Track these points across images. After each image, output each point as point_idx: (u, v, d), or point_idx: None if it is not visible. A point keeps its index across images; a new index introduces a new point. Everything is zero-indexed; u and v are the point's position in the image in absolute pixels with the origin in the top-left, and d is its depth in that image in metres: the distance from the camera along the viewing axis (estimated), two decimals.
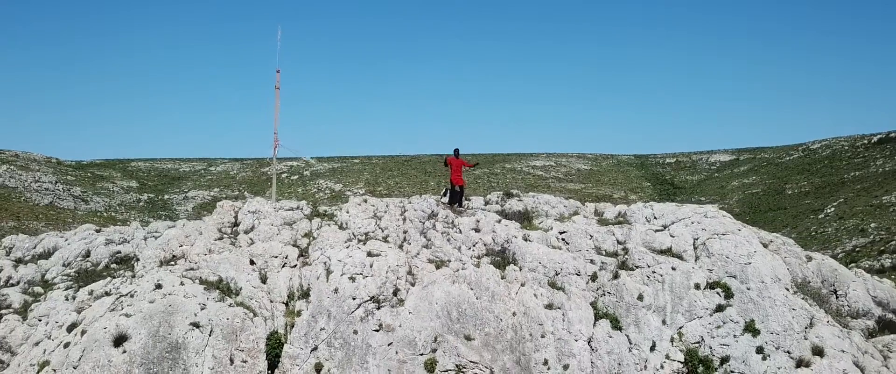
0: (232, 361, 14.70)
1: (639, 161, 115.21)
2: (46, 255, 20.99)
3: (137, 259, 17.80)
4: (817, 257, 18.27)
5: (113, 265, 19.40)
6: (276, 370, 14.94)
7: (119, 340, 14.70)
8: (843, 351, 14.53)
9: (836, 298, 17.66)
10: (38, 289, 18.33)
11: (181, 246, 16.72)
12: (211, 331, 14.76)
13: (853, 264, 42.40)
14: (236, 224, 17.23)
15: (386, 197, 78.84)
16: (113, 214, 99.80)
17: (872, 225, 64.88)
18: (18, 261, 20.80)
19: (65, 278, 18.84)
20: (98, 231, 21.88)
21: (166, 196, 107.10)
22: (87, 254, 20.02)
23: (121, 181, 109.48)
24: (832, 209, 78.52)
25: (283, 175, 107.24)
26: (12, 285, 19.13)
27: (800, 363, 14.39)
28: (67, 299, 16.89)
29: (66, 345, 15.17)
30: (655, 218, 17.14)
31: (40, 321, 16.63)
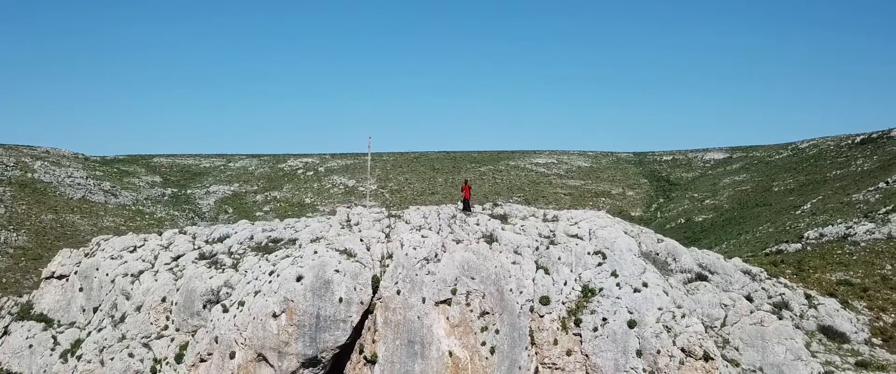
0: (355, 289, 33.03)
1: (637, 158, 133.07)
2: (221, 239, 39.40)
3: (294, 240, 36.24)
4: (666, 240, 36.70)
5: (270, 244, 37.76)
6: (376, 293, 33.25)
7: (299, 278, 33.04)
8: (658, 284, 32.88)
9: (675, 262, 36.02)
10: (236, 256, 36.79)
11: (321, 232, 35.21)
12: (344, 274, 33.09)
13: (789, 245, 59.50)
14: (349, 220, 35.70)
15: (396, 192, 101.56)
16: (140, 207, 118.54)
17: (838, 221, 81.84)
18: (206, 241, 39.25)
19: (246, 250, 37.29)
20: (253, 224, 40.21)
21: (189, 191, 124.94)
22: (252, 237, 38.46)
23: (145, 176, 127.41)
24: (808, 206, 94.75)
25: (299, 171, 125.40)
26: (213, 255, 37.55)
27: (636, 290, 32.67)
28: (259, 259, 35.31)
29: (269, 282, 33.53)
30: (572, 218, 35.54)
31: (246, 272, 35.06)
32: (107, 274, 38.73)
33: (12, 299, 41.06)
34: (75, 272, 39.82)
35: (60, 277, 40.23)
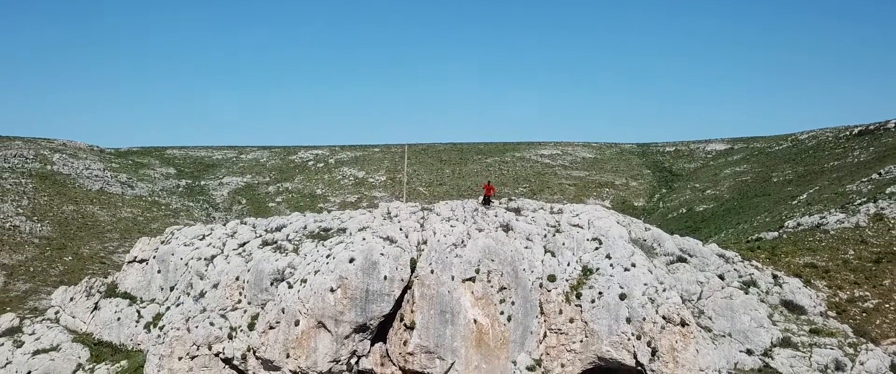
0: (396, 268, 42.73)
1: (640, 150, 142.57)
2: (278, 228, 49.10)
3: (343, 229, 45.97)
4: (652, 229, 46.47)
5: (321, 232, 47.44)
6: (413, 272, 42.92)
7: (351, 260, 42.75)
8: (644, 265, 42.66)
9: (659, 246, 45.78)
10: (295, 242, 46.50)
11: (366, 222, 44.97)
12: (388, 257, 42.80)
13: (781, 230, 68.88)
14: (389, 212, 45.45)
15: (404, 185, 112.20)
16: (156, 198, 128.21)
17: (831, 211, 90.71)
18: (266, 230, 48.96)
19: (302, 237, 47.03)
20: (304, 215, 49.88)
21: (202, 182, 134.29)
22: (305, 227, 48.18)
23: (160, 168, 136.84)
24: (805, 196, 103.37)
25: (310, 163, 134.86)
26: (275, 241, 47.23)
27: (626, 269, 42.44)
28: (316, 245, 45.03)
29: (326, 263, 43.23)
30: (574, 211, 45.26)
31: (306, 255, 44.78)
32: (181, 258, 48.46)
33: (99, 279, 50.79)
34: (154, 257, 49.57)
35: (141, 261, 49.99)
